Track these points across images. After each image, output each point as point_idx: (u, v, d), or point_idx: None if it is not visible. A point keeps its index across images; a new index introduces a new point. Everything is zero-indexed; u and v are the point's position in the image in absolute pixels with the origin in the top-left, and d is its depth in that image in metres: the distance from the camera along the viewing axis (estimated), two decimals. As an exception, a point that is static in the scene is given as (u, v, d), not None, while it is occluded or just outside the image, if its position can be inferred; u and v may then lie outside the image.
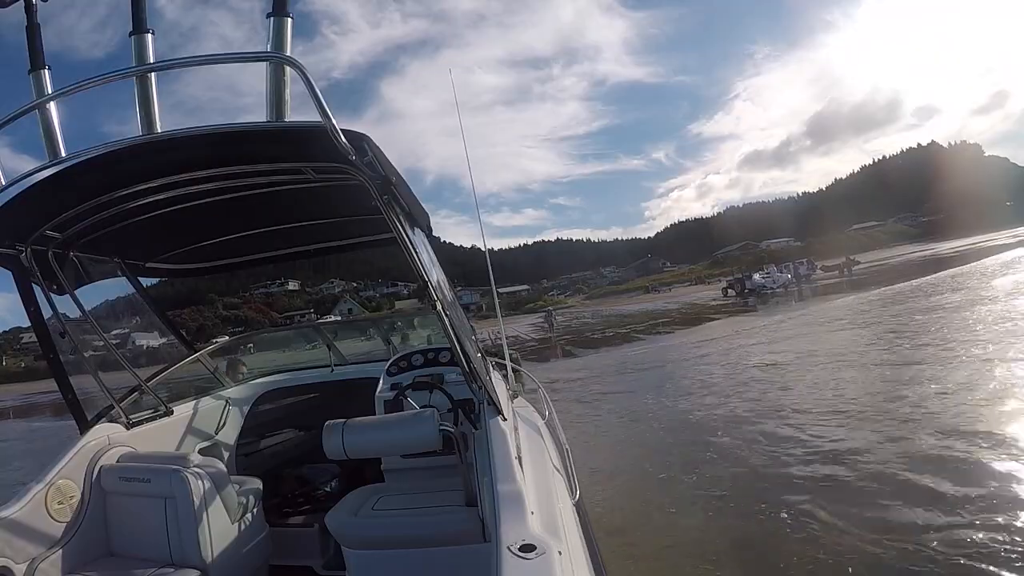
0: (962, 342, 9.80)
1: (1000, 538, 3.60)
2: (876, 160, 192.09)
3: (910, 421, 6.10)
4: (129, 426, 2.63)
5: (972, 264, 28.94)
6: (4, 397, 36.26)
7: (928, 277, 25.67)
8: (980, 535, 3.68)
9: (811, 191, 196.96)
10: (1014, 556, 3.40)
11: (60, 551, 2.10)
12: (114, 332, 3.08)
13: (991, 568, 3.34)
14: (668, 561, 4.02)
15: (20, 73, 1.44)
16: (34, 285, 2.28)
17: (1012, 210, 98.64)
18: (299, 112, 1.33)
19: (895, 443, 5.54)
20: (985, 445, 5.09)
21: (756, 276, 40.79)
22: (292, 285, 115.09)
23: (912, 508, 4.19)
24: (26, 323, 2.34)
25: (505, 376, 3.11)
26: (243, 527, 2.39)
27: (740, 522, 4.43)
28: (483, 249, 3.03)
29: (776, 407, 7.63)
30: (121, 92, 1.34)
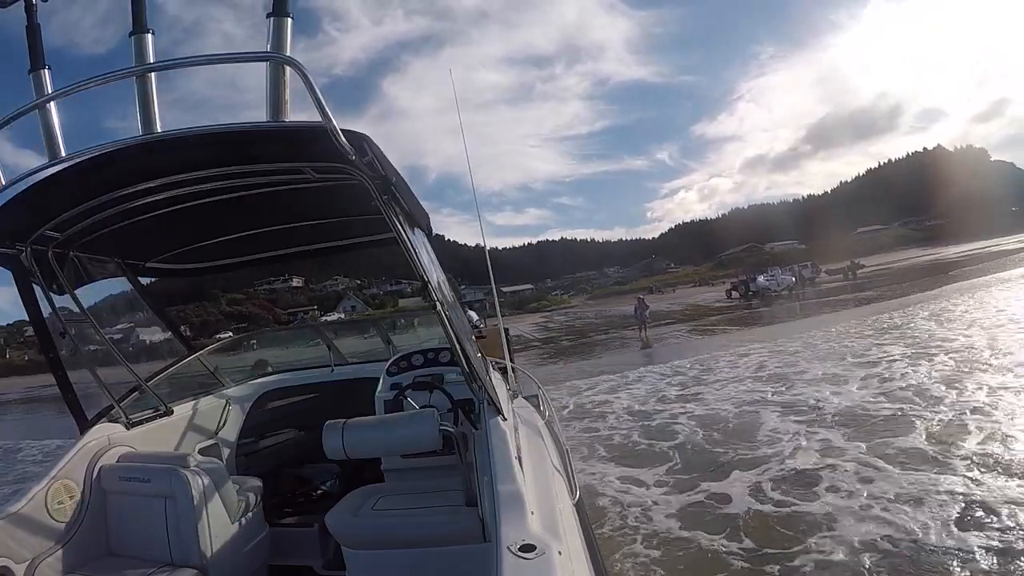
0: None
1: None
2: (881, 164, 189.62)
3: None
4: (129, 426, 2.63)
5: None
6: (11, 390, 36.32)
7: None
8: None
9: (816, 194, 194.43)
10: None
11: (60, 551, 2.09)
12: (114, 331, 3.08)
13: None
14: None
15: (20, 73, 1.44)
16: (34, 285, 2.28)
17: (1018, 215, 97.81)
18: (299, 111, 1.32)
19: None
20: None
21: (760, 279, 40.58)
22: (296, 282, 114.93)
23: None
24: (30, 316, 2.33)
25: (505, 376, 3.10)
26: (243, 527, 2.38)
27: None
28: (484, 247, 3.02)
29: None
30: (121, 89, 1.34)
